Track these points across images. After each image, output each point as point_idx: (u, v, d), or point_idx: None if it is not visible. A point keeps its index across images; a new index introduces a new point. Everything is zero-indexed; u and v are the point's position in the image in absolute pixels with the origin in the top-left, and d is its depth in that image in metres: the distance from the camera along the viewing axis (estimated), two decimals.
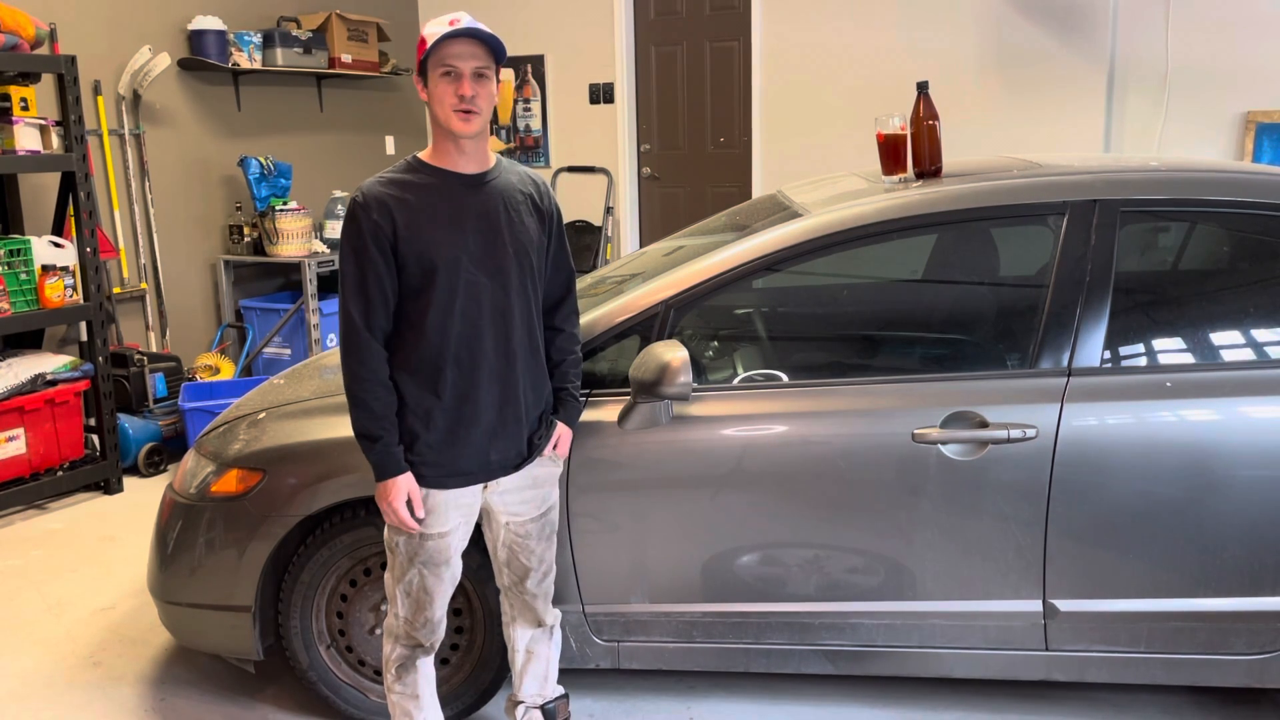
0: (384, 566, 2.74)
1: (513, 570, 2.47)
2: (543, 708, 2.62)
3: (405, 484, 2.24)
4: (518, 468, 2.36)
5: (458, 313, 2.21)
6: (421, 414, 2.25)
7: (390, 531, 2.35)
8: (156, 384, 5.22)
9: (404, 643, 2.42)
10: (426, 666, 2.47)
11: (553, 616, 2.58)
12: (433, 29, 2.16)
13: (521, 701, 2.62)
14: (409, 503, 2.26)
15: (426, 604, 2.38)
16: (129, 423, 4.94)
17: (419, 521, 2.28)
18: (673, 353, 2.42)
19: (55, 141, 4.54)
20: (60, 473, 4.62)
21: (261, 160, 5.87)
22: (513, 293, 2.27)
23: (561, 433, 2.45)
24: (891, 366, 2.80)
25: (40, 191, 4.98)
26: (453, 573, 2.39)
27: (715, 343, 2.91)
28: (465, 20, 2.16)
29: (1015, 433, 2.46)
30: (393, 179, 2.23)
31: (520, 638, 2.58)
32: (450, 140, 2.22)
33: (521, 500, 2.41)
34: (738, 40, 6.54)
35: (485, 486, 2.35)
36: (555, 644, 2.62)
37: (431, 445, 2.26)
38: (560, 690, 2.67)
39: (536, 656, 2.59)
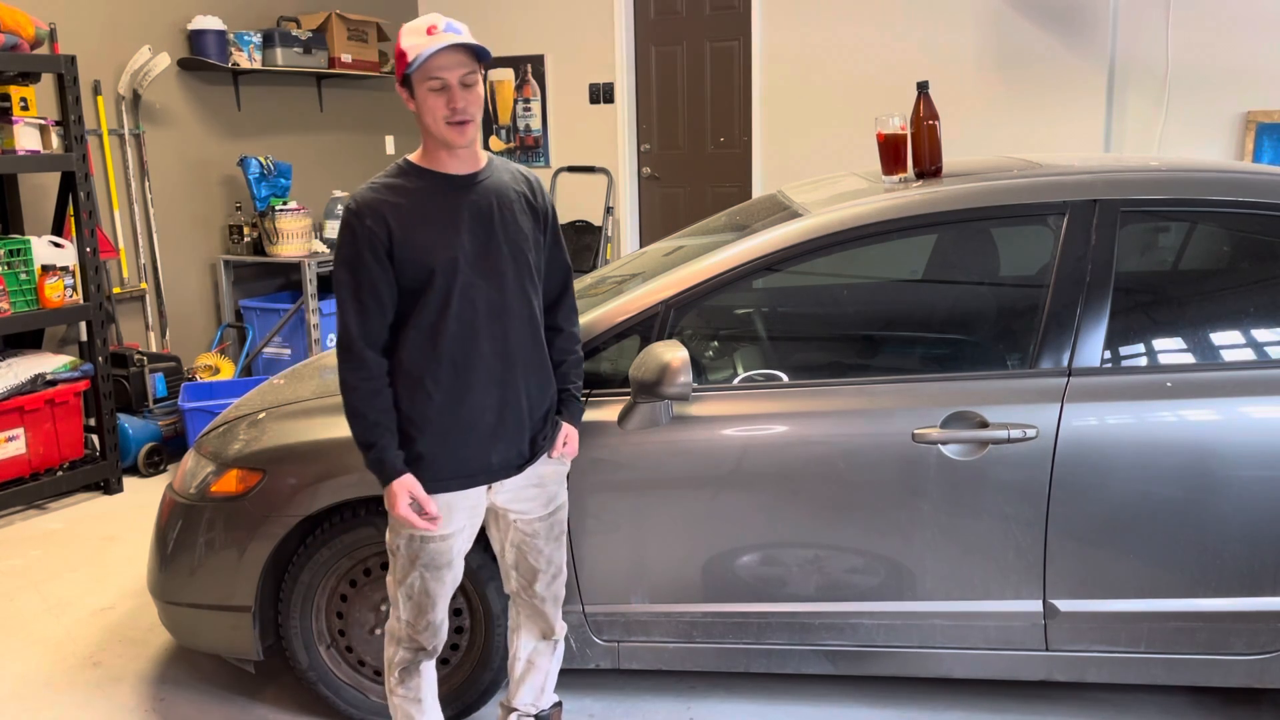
0: (384, 567, 2.74)
1: (521, 573, 2.46)
2: (536, 716, 2.61)
3: (405, 486, 2.22)
4: (520, 469, 2.35)
5: (452, 315, 2.19)
6: (418, 417, 2.23)
7: (391, 534, 2.33)
8: (156, 384, 5.21)
9: (406, 646, 2.41)
10: (429, 670, 2.46)
11: (561, 629, 2.56)
12: (412, 40, 2.12)
13: (515, 709, 2.60)
14: (417, 507, 2.23)
15: (428, 607, 2.36)
16: (129, 423, 4.94)
17: (432, 519, 2.25)
18: (673, 353, 2.42)
19: (55, 141, 4.54)
20: (60, 473, 4.62)
21: (261, 160, 5.87)
22: (510, 293, 2.25)
23: (568, 433, 2.44)
24: (892, 366, 2.80)
25: (40, 191, 4.98)
26: (454, 575, 2.38)
27: (715, 343, 2.91)
28: (443, 25, 2.12)
29: (1015, 433, 2.46)
30: (385, 184, 2.21)
31: (524, 647, 2.55)
32: (441, 146, 2.20)
33: (527, 498, 2.39)
34: (738, 40, 6.54)
35: (490, 487, 2.34)
36: (557, 658, 2.60)
37: (429, 448, 2.24)
38: (554, 698, 2.65)
39: (536, 669, 2.57)
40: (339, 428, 2.68)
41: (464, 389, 2.23)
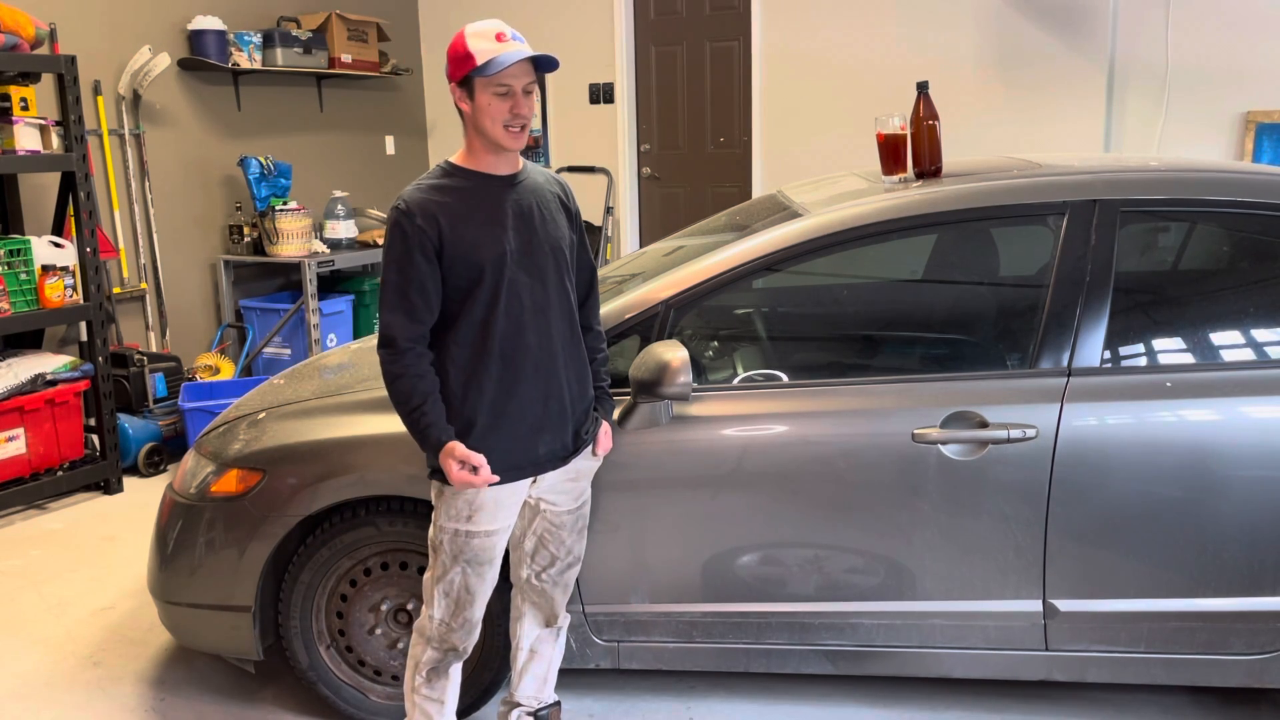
0: (384, 567, 2.74)
1: (538, 559, 2.47)
2: (535, 713, 2.61)
3: (451, 451, 2.22)
4: (565, 460, 2.38)
5: (501, 310, 2.24)
6: (470, 411, 2.26)
7: (435, 529, 2.35)
8: (156, 384, 5.22)
9: (437, 645, 2.40)
10: (457, 673, 2.47)
11: (565, 618, 2.58)
12: (482, 45, 2.16)
13: (518, 704, 2.61)
14: (467, 468, 2.23)
15: (467, 604, 2.37)
16: (129, 423, 4.94)
17: (487, 476, 2.25)
18: (673, 353, 2.42)
19: (55, 141, 4.54)
20: (60, 473, 4.62)
21: (261, 160, 5.87)
22: (551, 289, 2.30)
23: (606, 429, 2.47)
24: (891, 366, 2.80)
25: (40, 191, 4.98)
26: (495, 573, 2.39)
27: (715, 343, 2.91)
28: (510, 34, 2.19)
29: (1015, 433, 2.46)
30: (433, 184, 2.25)
31: (527, 635, 2.57)
32: (490, 151, 2.26)
33: (562, 491, 2.42)
34: (738, 40, 6.54)
35: (534, 480, 2.36)
36: (559, 647, 2.61)
37: (481, 442, 2.26)
38: (554, 697, 2.65)
39: (539, 656, 2.59)
40: (339, 428, 2.68)
41: (512, 382, 2.27)
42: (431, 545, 2.38)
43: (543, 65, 2.23)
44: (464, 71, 2.18)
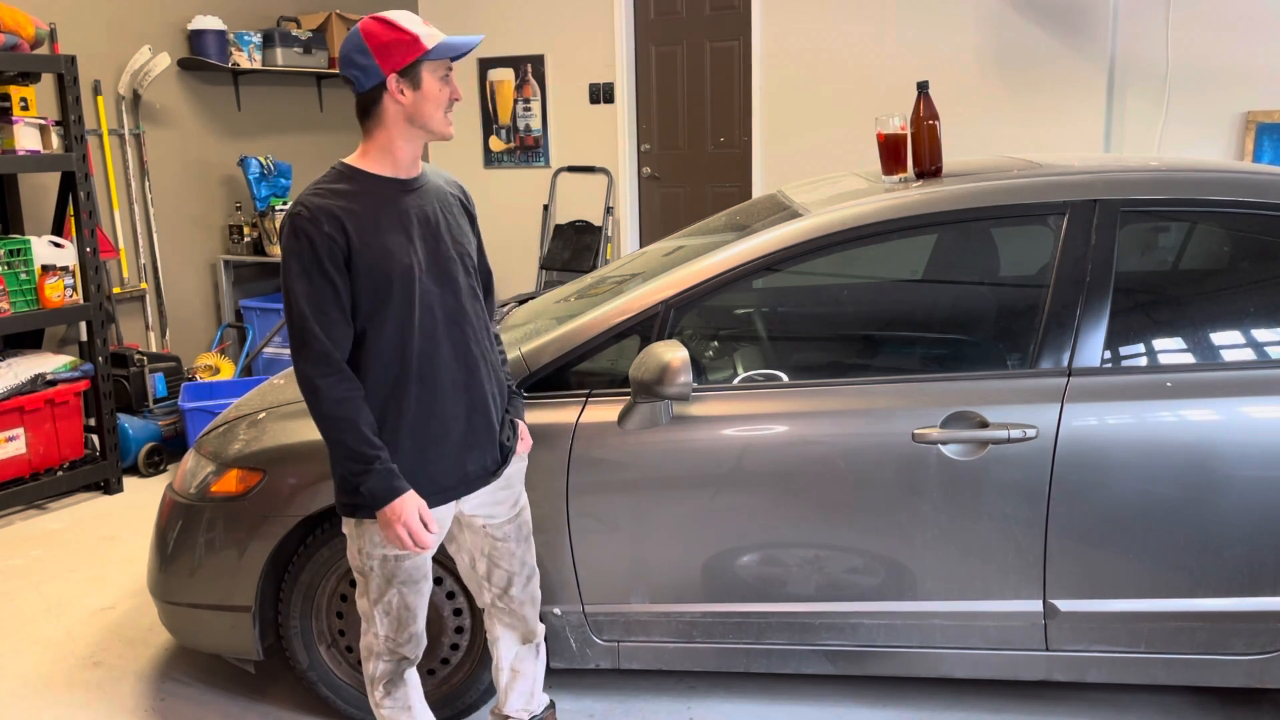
0: None
1: (495, 581, 2.42)
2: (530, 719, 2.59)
3: (411, 503, 2.11)
4: (495, 474, 2.30)
5: (415, 326, 2.12)
6: (389, 436, 2.14)
7: (360, 556, 2.24)
8: (156, 384, 5.21)
9: (388, 659, 2.34)
10: (413, 676, 2.41)
11: (540, 630, 2.53)
12: (420, 30, 2.06)
13: (508, 716, 2.58)
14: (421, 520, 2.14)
15: (409, 620, 2.31)
16: (129, 423, 4.94)
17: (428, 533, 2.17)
18: (673, 353, 2.42)
19: (55, 141, 4.54)
20: (60, 473, 4.62)
21: (261, 160, 5.87)
22: (464, 297, 2.20)
23: (523, 428, 2.41)
24: (891, 366, 2.80)
25: (40, 191, 4.98)
26: (429, 583, 2.33)
27: (715, 343, 2.91)
28: (420, 20, 2.11)
29: (1015, 433, 2.46)
30: (332, 189, 2.09)
31: (506, 656, 2.52)
32: (408, 146, 2.13)
33: (495, 502, 2.35)
34: (738, 40, 6.54)
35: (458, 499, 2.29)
36: (541, 660, 2.57)
37: (405, 466, 2.14)
38: (546, 699, 2.64)
39: (523, 675, 2.54)
40: None
41: (432, 400, 2.17)
42: (358, 570, 2.26)
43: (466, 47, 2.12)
44: (412, 57, 2.04)
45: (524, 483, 2.45)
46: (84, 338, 4.75)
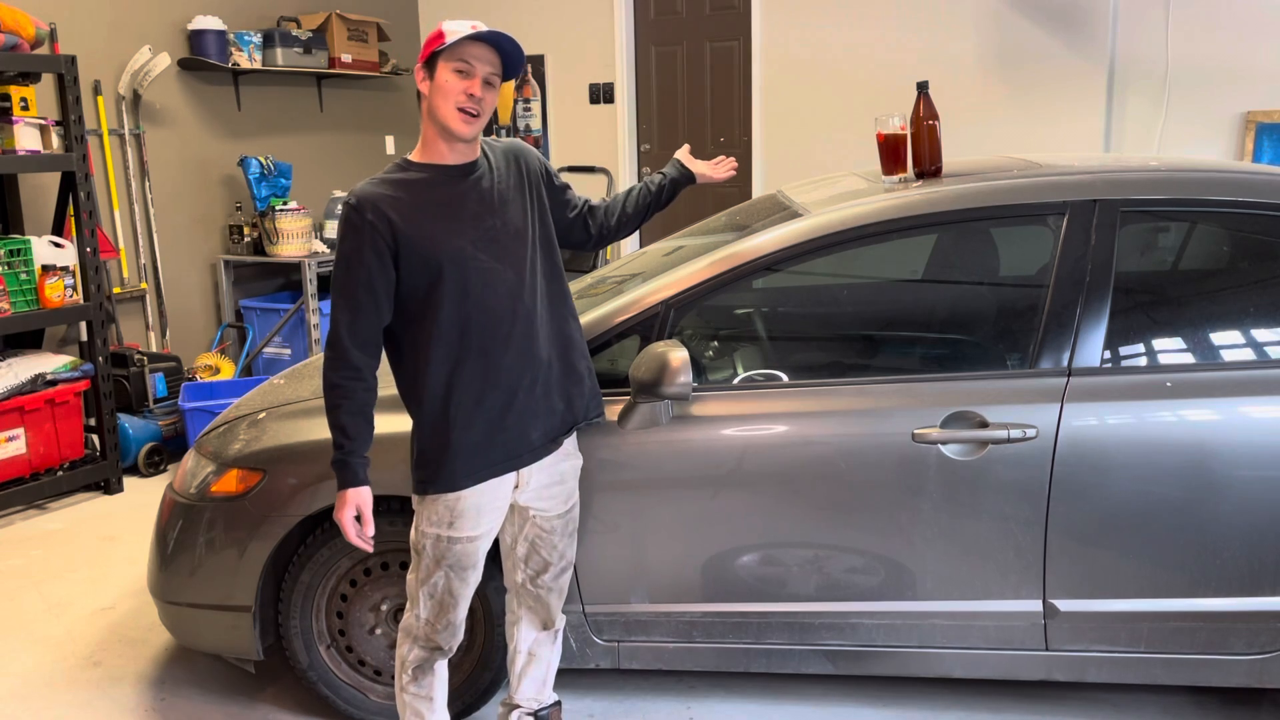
0: (384, 567, 2.74)
1: (530, 565, 2.47)
2: (536, 713, 2.61)
3: (355, 498, 2.23)
4: (567, 434, 2.39)
5: (473, 303, 2.21)
6: (455, 410, 2.24)
7: (416, 532, 2.34)
8: (156, 384, 5.22)
9: (423, 644, 2.41)
10: (443, 670, 2.47)
11: (561, 620, 2.57)
12: (454, 26, 2.16)
13: (517, 705, 2.60)
14: (360, 522, 2.25)
15: (450, 607, 2.37)
16: (129, 423, 4.94)
17: (368, 541, 2.28)
18: (673, 353, 2.42)
19: (55, 141, 4.54)
20: (60, 473, 4.62)
21: (261, 160, 5.87)
22: (525, 270, 2.28)
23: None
24: (891, 366, 2.80)
25: (40, 191, 4.98)
26: (478, 575, 2.39)
27: (715, 343, 2.91)
28: (486, 29, 2.17)
29: (1015, 433, 2.46)
30: (385, 179, 2.22)
31: (524, 639, 2.56)
32: (443, 139, 2.22)
33: (550, 496, 2.42)
34: (738, 40, 6.54)
35: (516, 486, 2.35)
36: (557, 649, 2.61)
37: (474, 438, 2.25)
38: (554, 697, 2.65)
39: (538, 659, 2.58)
40: None
41: (496, 374, 2.25)
42: (414, 547, 2.36)
43: (507, 55, 2.19)
44: (429, 50, 2.17)
45: (576, 481, 2.50)
46: (84, 338, 4.75)
